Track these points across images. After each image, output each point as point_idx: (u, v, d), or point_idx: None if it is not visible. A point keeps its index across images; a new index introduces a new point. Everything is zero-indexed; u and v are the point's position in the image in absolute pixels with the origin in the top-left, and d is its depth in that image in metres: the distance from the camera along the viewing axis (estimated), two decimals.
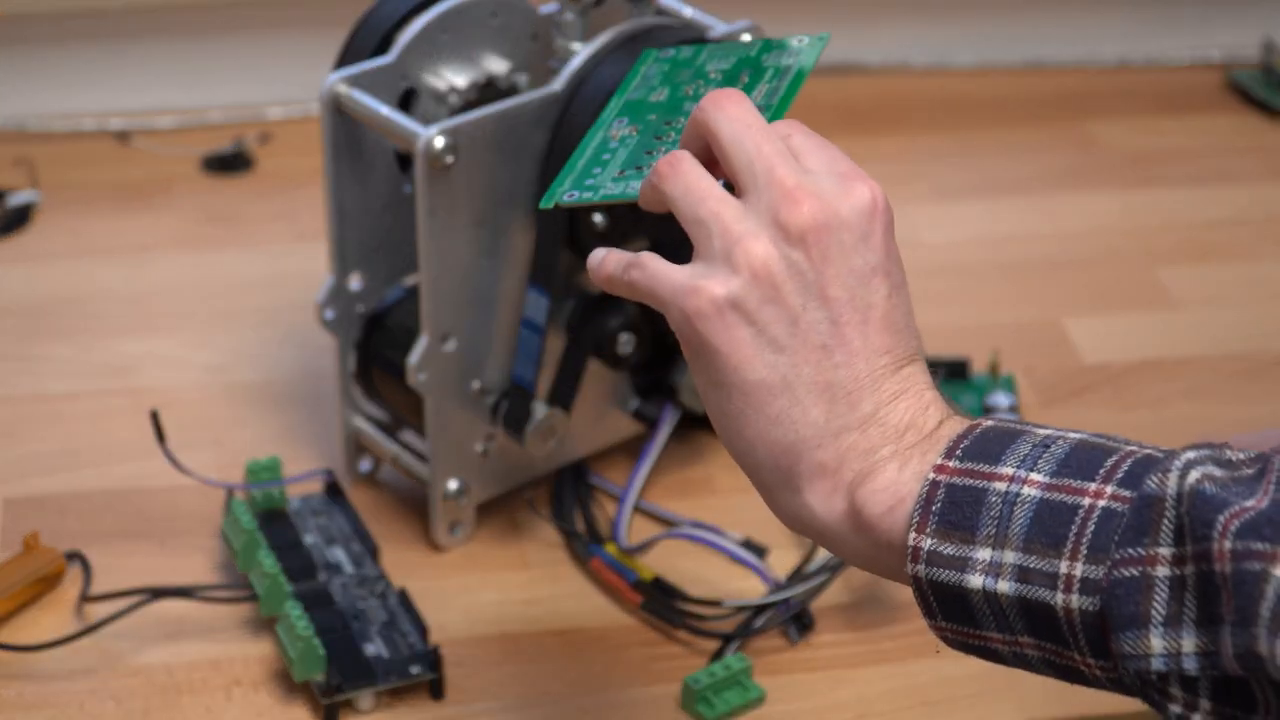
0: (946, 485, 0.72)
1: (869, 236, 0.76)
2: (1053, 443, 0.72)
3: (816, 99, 1.55)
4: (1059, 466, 0.71)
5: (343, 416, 1.12)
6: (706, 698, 0.98)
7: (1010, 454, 0.72)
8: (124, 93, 1.53)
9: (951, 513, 0.71)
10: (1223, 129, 1.52)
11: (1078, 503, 0.70)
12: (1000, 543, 0.70)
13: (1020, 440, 0.73)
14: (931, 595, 0.72)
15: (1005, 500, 0.71)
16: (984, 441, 0.73)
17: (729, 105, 0.79)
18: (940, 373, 1.21)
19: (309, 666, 0.97)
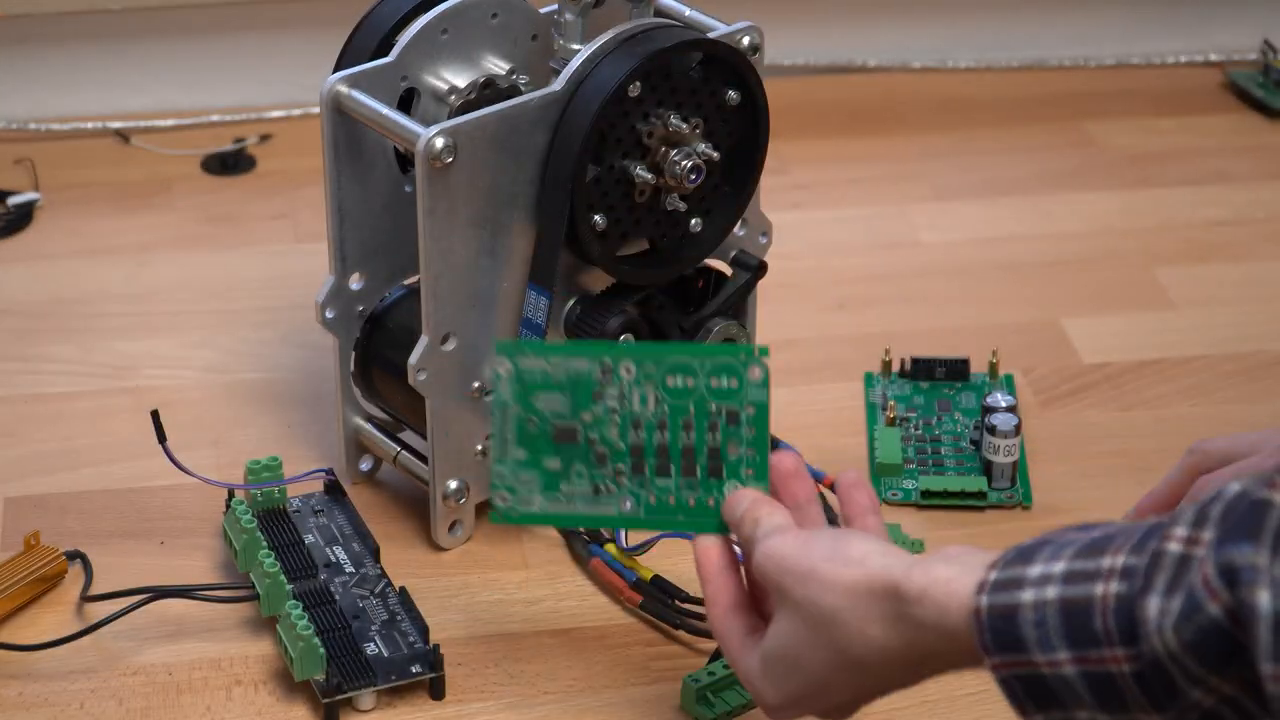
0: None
1: None
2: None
3: (817, 99, 1.55)
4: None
5: (343, 416, 1.12)
6: (706, 697, 0.98)
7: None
8: (124, 93, 1.53)
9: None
10: (1221, 129, 1.52)
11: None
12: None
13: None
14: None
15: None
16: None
17: None
18: (940, 372, 1.21)
19: (309, 666, 0.97)
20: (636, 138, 1.04)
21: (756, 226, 1.14)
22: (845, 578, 0.83)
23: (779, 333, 1.26)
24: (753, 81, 1.06)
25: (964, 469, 1.14)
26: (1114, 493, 1.13)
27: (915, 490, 1.13)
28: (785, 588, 0.85)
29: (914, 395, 1.20)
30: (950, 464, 1.15)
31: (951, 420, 1.18)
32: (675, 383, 0.90)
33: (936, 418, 1.18)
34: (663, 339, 1.11)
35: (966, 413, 1.18)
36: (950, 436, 1.17)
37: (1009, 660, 0.77)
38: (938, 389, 1.20)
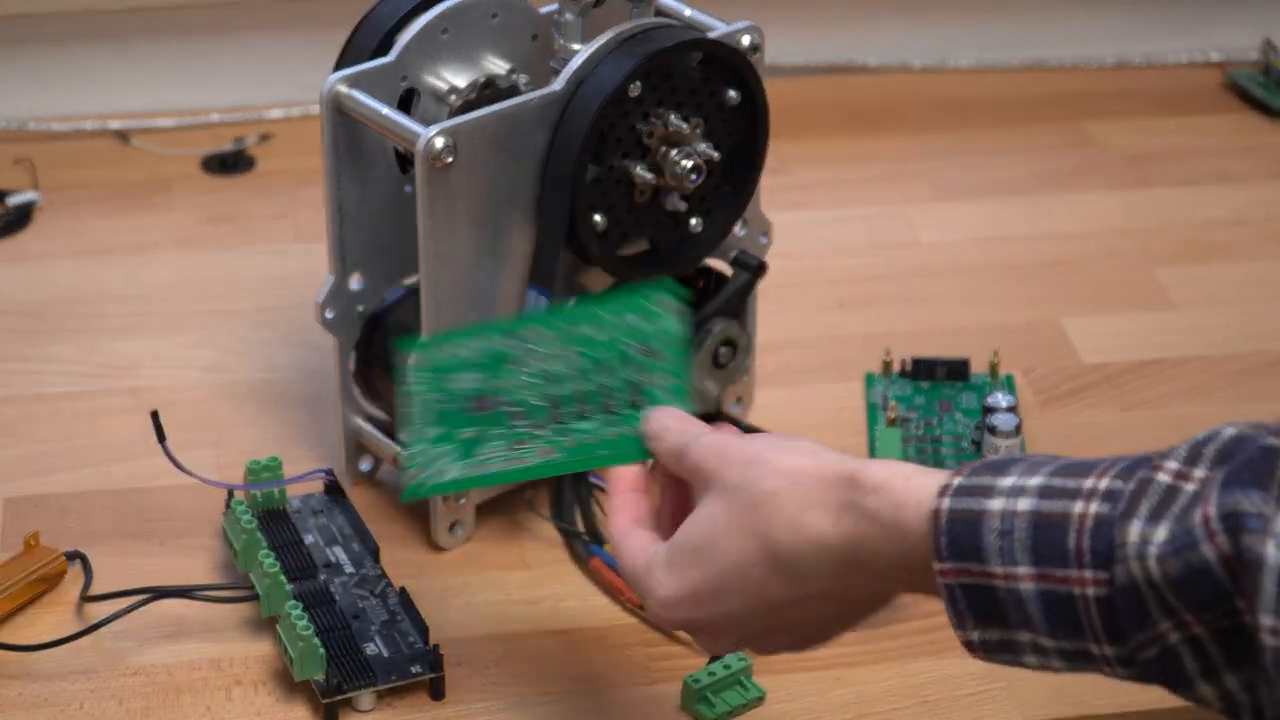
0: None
1: None
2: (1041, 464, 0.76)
3: (816, 99, 1.55)
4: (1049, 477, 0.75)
5: (343, 416, 1.12)
6: (706, 697, 0.99)
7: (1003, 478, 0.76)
8: (124, 93, 1.53)
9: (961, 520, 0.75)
10: (1222, 129, 1.52)
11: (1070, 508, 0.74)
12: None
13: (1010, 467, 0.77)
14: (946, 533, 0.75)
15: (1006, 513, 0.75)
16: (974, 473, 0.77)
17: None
18: (941, 373, 1.21)
19: (309, 666, 0.97)
20: (636, 138, 1.04)
21: (756, 226, 1.14)
22: (793, 462, 0.80)
23: (779, 333, 1.26)
24: (753, 81, 1.06)
25: None
26: None
27: None
28: (720, 475, 0.81)
29: (915, 395, 1.20)
30: (951, 464, 1.15)
31: (952, 420, 1.18)
32: (588, 332, 0.89)
33: (937, 418, 1.18)
34: None
35: (967, 413, 1.18)
36: (951, 437, 1.17)
37: (961, 568, 0.75)
38: (938, 389, 1.20)
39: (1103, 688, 1.01)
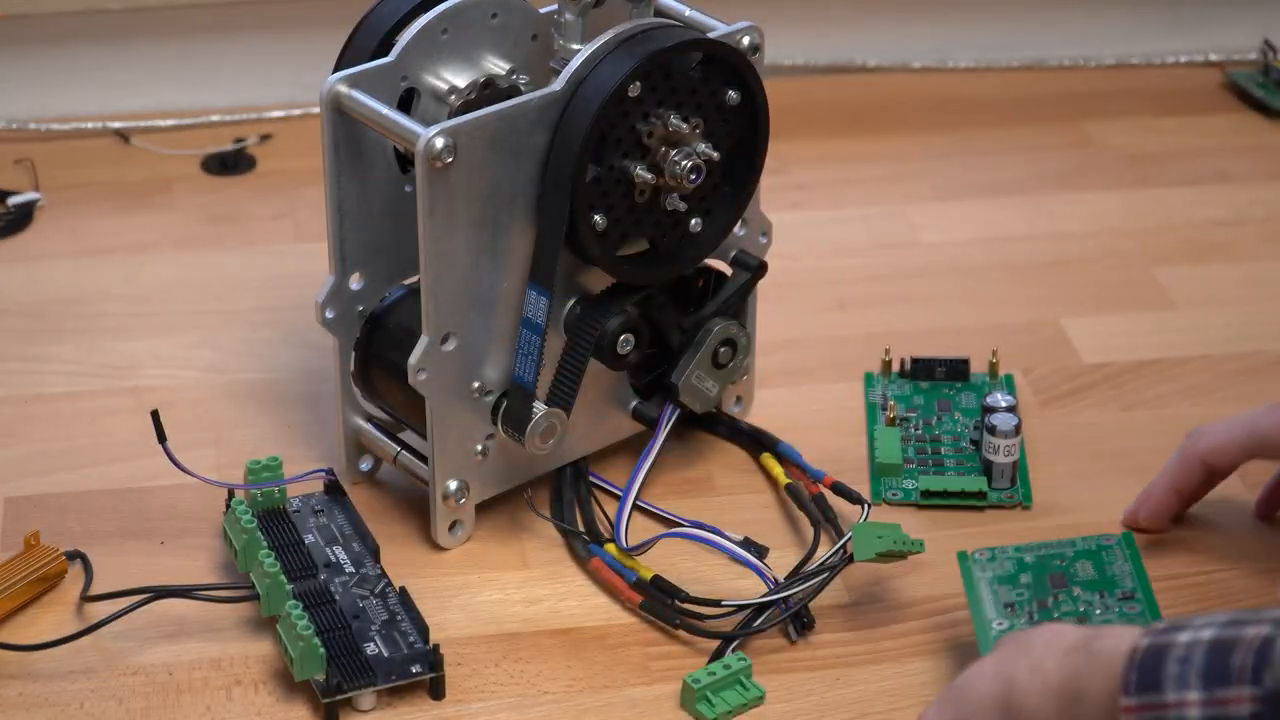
0: None
1: None
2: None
3: (817, 99, 1.56)
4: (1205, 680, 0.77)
5: (343, 416, 1.12)
6: (706, 697, 0.99)
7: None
8: (124, 93, 1.53)
9: None
10: (1221, 129, 1.52)
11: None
12: None
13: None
14: None
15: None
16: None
17: None
18: (940, 372, 1.21)
19: (309, 666, 0.97)
20: (636, 138, 1.04)
21: (756, 226, 1.14)
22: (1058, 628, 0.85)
23: (779, 333, 1.26)
24: (753, 81, 1.06)
25: (964, 469, 1.14)
26: (1114, 493, 1.13)
27: (915, 490, 1.13)
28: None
29: (914, 395, 1.20)
30: (950, 464, 1.15)
31: (951, 420, 1.18)
32: None
33: (936, 417, 1.18)
34: (663, 339, 1.11)
35: (966, 413, 1.18)
36: (950, 436, 1.17)
37: (1142, 703, 0.77)
38: (938, 389, 1.20)
39: None
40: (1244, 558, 1.09)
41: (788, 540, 1.10)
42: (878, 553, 1.02)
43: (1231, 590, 1.07)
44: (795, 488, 1.12)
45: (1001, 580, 1.02)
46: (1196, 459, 1.07)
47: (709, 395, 1.12)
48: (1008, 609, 1.01)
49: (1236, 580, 1.07)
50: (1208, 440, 1.06)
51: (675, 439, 1.16)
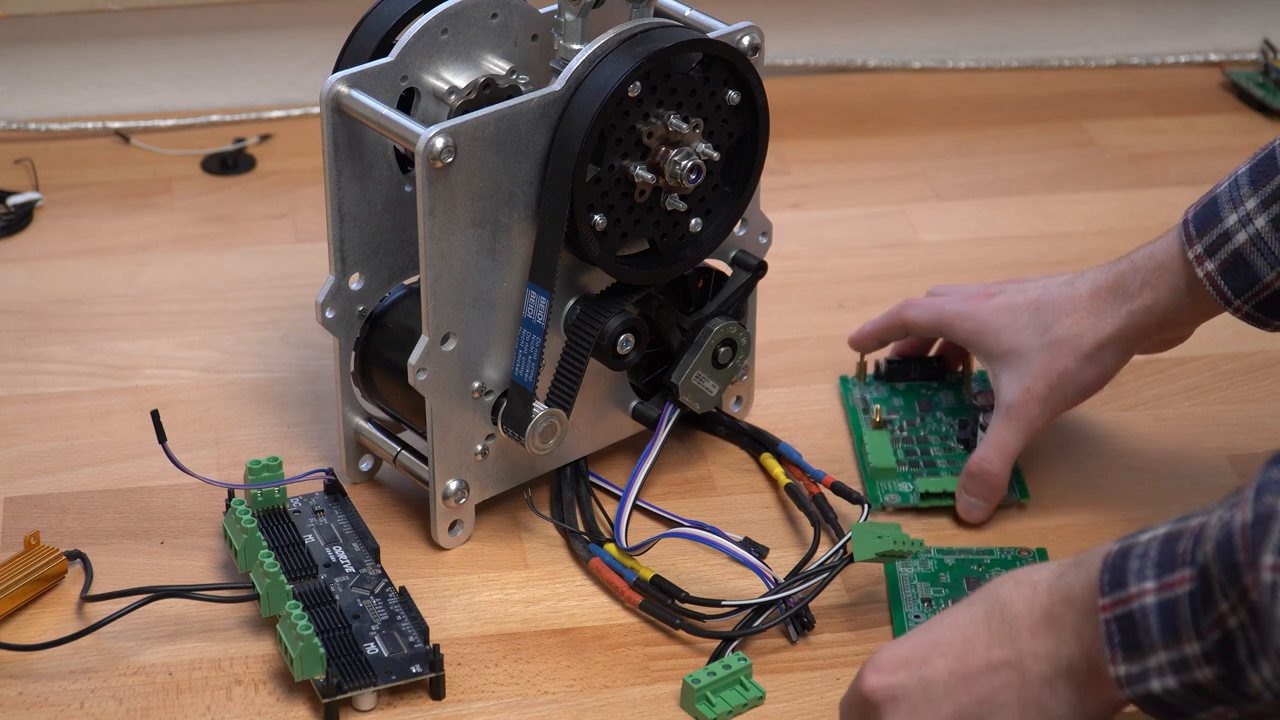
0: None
1: None
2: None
3: (816, 99, 1.56)
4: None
5: (343, 416, 1.12)
6: (706, 697, 0.99)
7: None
8: (124, 93, 1.53)
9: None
10: (1221, 129, 1.53)
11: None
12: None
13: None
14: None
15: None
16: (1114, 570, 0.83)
17: None
18: (915, 373, 1.20)
19: (309, 666, 0.97)
20: (636, 138, 1.04)
21: (756, 226, 1.14)
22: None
23: (779, 333, 1.26)
24: (753, 81, 1.06)
25: (956, 469, 1.14)
26: (1114, 492, 1.13)
27: (912, 492, 1.12)
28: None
29: (892, 397, 1.20)
30: (942, 464, 1.15)
31: (935, 420, 1.18)
32: None
33: (919, 418, 1.18)
34: (663, 339, 1.11)
35: (949, 412, 1.18)
36: (936, 437, 1.17)
37: (1112, 600, 0.81)
38: (915, 389, 1.20)
39: None
40: None
41: (788, 540, 1.10)
42: (878, 553, 1.02)
43: None
44: (795, 488, 1.12)
45: (922, 577, 1.06)
46: (899, 320, 1.17)
47: (709, 395, 1.12)
48: (924, 604, 1.05)
49: None
50: (910, 311, 1.16)
51: (675, 439, 1.16)
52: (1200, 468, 1.16)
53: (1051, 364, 1.08)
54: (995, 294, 1.12)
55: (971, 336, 1.12)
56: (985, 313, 1.11)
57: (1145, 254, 1.07)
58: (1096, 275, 1.09)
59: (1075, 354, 1.08)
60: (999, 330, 1.10)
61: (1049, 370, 1.08)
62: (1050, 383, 1.08)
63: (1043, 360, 1.08)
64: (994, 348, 1.10)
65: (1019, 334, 1.09)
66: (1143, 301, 1.06)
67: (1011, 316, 1.10)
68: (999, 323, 1.10)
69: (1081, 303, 1.08)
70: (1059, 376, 1.08)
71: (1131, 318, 1.06)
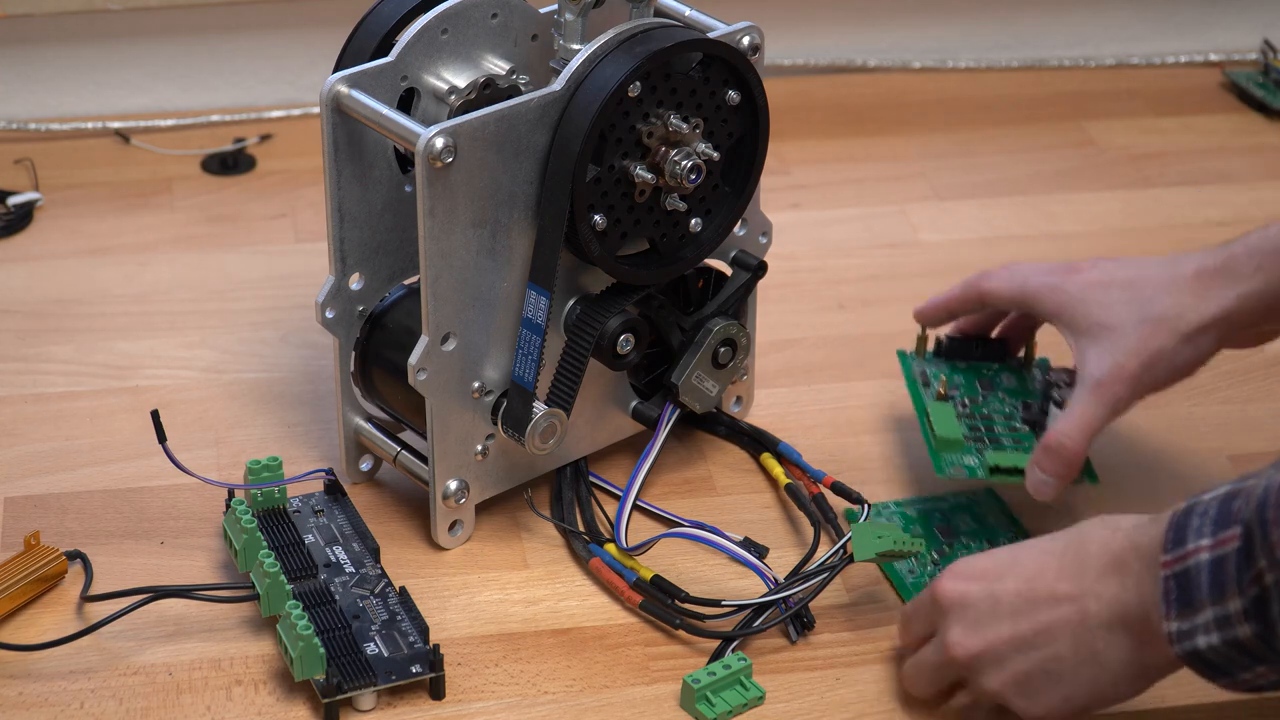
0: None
1: None
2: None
3: (816, 99, 1.56)
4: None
5: (343, 416, 1.12)
6: (706, 697, 0.99)
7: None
8: (124, 93, 1.53)
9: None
10: (1221, 129, 1.53)
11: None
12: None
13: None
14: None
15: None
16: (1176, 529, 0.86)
17: None
18: (977, 352, 1.17)
19: (309, 666, 0.97)
20: (636, 138, 1.04)
21: (756, 226, 1.14)
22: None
23: (779, 333, 1.26)
24: (753, 81, 1.06)
25: (1023, 446, 1.10)
26: (1114, 492, 1.13)
27: (979, 466, 1.09)
28: None
29: (954, 375, 1.16)
30: (1008, 441, 1.11)
31: (998, 400, 1.14)
32: None
33: (981, 396, 1.14)
34: (663, 339, 1.11)
35: (1011, 393, 1.15)
36: (1001, 416, 1.13)
37: (1173, 558, 0.84)
38: (976, 369, 1.16)
39: None
40: None
41: (788, 540, 1.10)
42: (878, 553, 1.02)
43: None
44: (795, 488, 1.12)
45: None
46: (975, 291, 1.12)
47: (709, 395, 1.12)
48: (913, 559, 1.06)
49: None
50: (988, 281, 1.11)
51: (675, 439, 1.16)
52: (1200, 468, 1.16)
53: (1148, 342, 1.03)
54: (1086, 269, 1.07)
55: (1059, 310, 1.07)
56: (1076, 286, 1.07)
57: (1259, 237, 1.02)
58: (1201, 257, 1.04)
59: (1174, 333, 1.03)
60: (1090, 303, 1.06)
61: (1144, 348, 1.03)
62: (1144, 361, 1.03)
63: (1138, 337, 1.04)
64: (1082, 321, 1.06)
65: (1112, 308, 1.05)
66: (1255, 285, 1.02)
67: (1104, 291, 1.05)
68: (1091, 296, 1.06)
69: (1185, 282, 1.03)
70: (1153, 355, 1.03)
71: (1242, 300, 1.02)
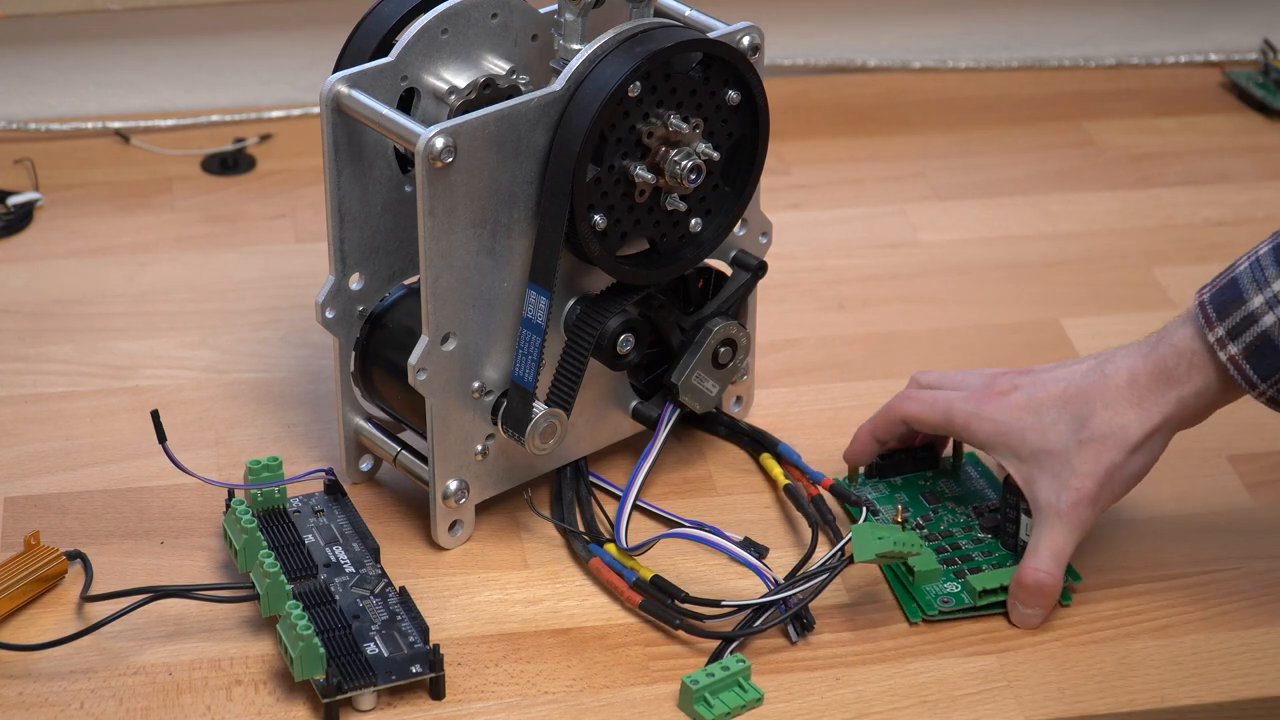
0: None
1: None
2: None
3: (816, 99, 1.56)
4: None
5: (343, 416, 1.12)
6: (705, 698, 0.99)
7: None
8: (124, 93, 1.53)
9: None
10: (1221, 129, 1.53)
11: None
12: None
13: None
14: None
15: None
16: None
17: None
18: (908, 465, 1.14)
19: (309, 666, 0.97)
20: (636, 138, 1.04)
21: (756, 226, 1.14)
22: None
23: (779, 333, 1.26)
24: (753, 81, 1.06)
25: (992, 559, 1.08)
26: None
27: (964, 591, 1.05)
28: None
29: (894, 494, 1.13)
30: (979, 557, 1.08)
31: (949, 512, 1.11)
32: None
33: (932, 513, 1.11)
34: (663, 339, 1.11)
35: (958, 500, 1.12)
36: (960, 529, 1.10)
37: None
38: (913, 482, 1.13)
39: (1102, 686, 1.01)
40: (1244, 558, 1.09)
41: (787, 540, 1.10)
42: (877, 554, 1.02)
43: (1231, 590, 1.07)
44: (794, 489, 1.12)
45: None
46: (898, 417, 1.10)
47: (709, 395, 1.12)
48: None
49: (1236, 580, 1.08)
50: (910, 407, 1.09)
51: (675, 439, 1.16)
52: (1200, 468, 1.16)
53: (1098, 460, 1.02)
54: (1009, 390, 1.06)
55: (993, 439, 1.05)
56: (1004, 413, 1.05)
57: (1181, 334, 1.02)
58: (1130, 362, 1.03)
59: (1122, 448, 1.02)
60: (1024, 430, 1.04)
61: (1095, 468, 1.02)
62: (1099, 480, 1.02)
63: (1086, 459, 1.02)
64: (1021, 449, 1.04)
65: (1047, 433, 1.03)
66: (1193, 386, 1.01)
67: (1036, 414, 1.04)
68: (1022, 422, 1.04)
69: (1119, 392, 1.03)
70: (1107, 472, 1.02)
71: (1182, 404, 1.02)
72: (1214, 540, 1.10)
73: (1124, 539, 1.10)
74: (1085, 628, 1.04)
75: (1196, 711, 1.00)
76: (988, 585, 1.05)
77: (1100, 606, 1.06)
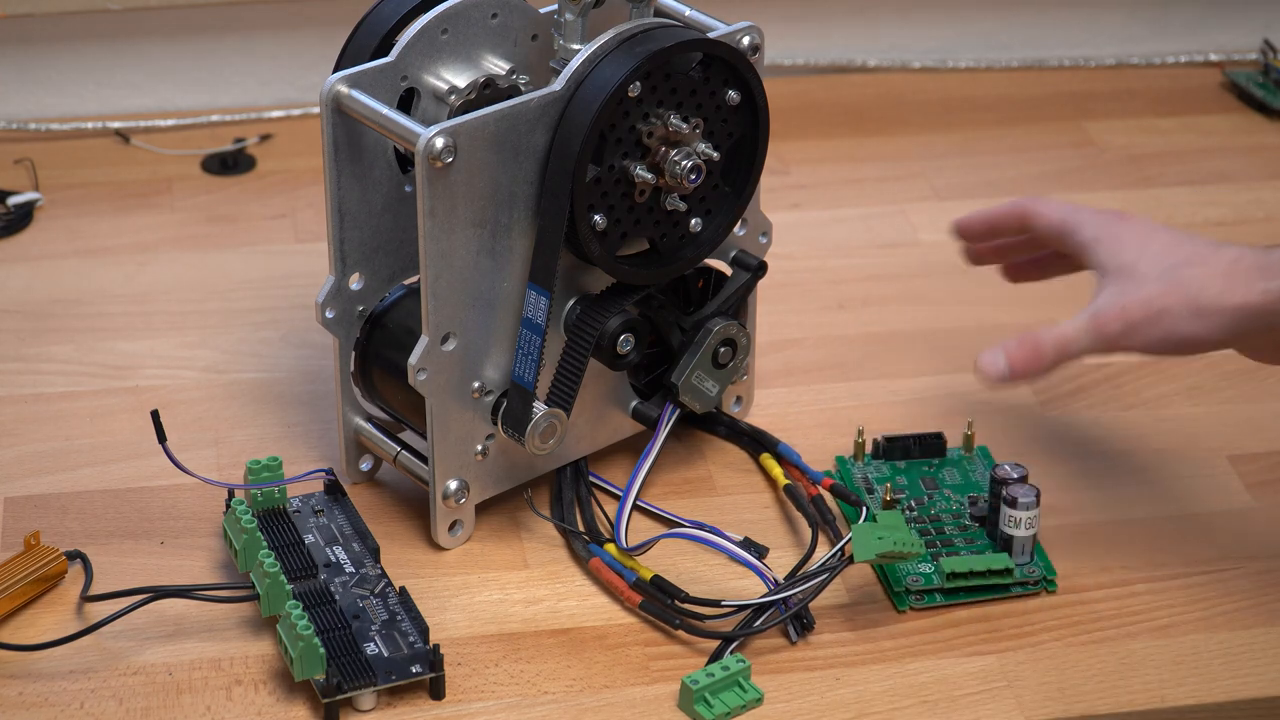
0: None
1: None
2: None
3: (816, 99, 1.56)
4: None
5: (343, 416, 1.12)
6: (705, 698, 0.99)
7: None
8: (124, 93, 1.53)
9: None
10: (1221, 129, 1.53)
11: None
12: None
13: None
14: None
15: None
16: None
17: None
18: (916, 450, 1.15)
19: (309, 666, 0.97)
20: (636, 138, 1.04)
21: (756, 226, 1.14)
22: None
23: (779, 333, 1.26)
24: (753, 81, 1.06)
25: (975, 547, 1.09)
26: (1114, 493, 1.13)
27: (935, 573, 1.06)
28: None
29: (895, 475, 1.14)
30: (959, 543, 1.09)
31: (944, 498, 1.12)
32: None
33: (927, 496, 1.12)
34: (663, 339, 1.11)
35: (956, 489, 1.13)
36: (949, 515, 1.11)
37: None
38: (917, 467, 1.14)
39: (1102, 686, 1.01)
40: (1244, 558, 1.09)
41: (787, 540, 1.10)
42: (878, 554, 1.02)
43: (1231, 590, 1.07)
44: (794, 489, 1.12)
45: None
46: (1021, 210, 1.11)
47: (709, 395, 1.12)
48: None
49: (1236, 580, 1.08)
50: (1038, 203, 1.11)
51: (675, 439, 1.16)
52: (1200, 468, 1.16)
53: (1161, 298, 1.02)
54: (1137, 219, 1.07)
55: (1095, 241, 1.06)
56: (1120, 227, 1.06)
57: None
58: (1245, 250, 1.03)
59: (1188, 301, 1.01)
60: (1126, 245, 1.05)
61: (1154, 302, 1.02)
62: (1148, 314, 1.02)
63: (1153, 290, 1.02)
64: (1111, 259, 1.05)
65: (1143, 257, 1.03)
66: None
67: (1143, 241, 1.05)
68: (1130, 240, 1.05)
69: (1219, 264, 1.02)
70: (1159, 312, 1.02)
71: (1265, 298, 1.00)
72: (1214, 540, 1.10)
73: (1124, 539, 1.10)
74: (1085, 628, 1.04)
75: (1196, 711, 1.00)
76: (956, 569, 1.05)
77: (1100, 606, 1.06)
